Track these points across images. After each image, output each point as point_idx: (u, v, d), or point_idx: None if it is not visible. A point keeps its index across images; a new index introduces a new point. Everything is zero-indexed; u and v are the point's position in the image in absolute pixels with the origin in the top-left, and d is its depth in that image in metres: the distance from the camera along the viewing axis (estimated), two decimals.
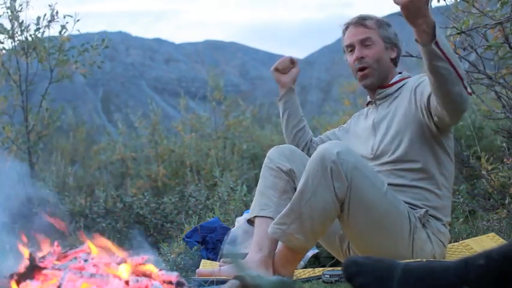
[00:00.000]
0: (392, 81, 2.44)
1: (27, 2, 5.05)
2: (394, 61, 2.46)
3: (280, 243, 2.23)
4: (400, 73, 2.48)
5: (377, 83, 2.43)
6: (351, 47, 2.43)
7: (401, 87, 2.41)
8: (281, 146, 2.43)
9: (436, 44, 1.98)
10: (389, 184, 2.23)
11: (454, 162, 2.40)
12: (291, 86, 2.61)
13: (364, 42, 2.40)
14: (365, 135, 2.47)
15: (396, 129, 2.33)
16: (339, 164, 2.08)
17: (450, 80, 2.02)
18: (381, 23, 2.43)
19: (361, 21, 2.43)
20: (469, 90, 2.08)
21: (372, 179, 2.15)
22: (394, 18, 2.59)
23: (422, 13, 1.97)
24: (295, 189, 2.31)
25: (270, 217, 2.28)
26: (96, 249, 1.81)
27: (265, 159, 2.41)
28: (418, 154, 2.29)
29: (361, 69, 2.41)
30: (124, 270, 1.73)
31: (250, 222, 2.39)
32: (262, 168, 2.41)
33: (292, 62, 2.59)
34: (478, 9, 2.96)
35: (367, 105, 2.55)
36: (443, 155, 2.31)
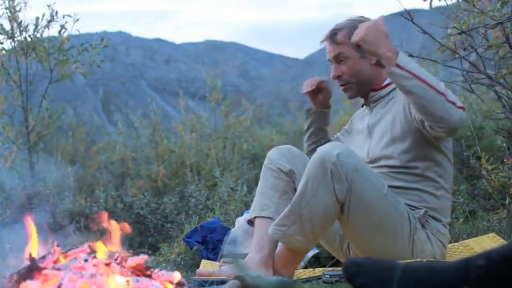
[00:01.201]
0: (385, 83, 2.40)
1: (26, 3, 5.05)
2: (379, 63, 2.35)
3: (280, 244, 2.23)
4: None
5: (360, 93, 2.43)
6: (331, 62, 2.44)
7: (395, 88, 2.38)
8: (281, 146, 2.43)
9: (398, 66, 2.03)
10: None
11: (453, 163, 2.39)
12: (323, 109, 2.60)
13: (338, 58, 2.39)
14: (360, 138, 2.45)
15: (392, 135, 2.30)
16: (339, 166, 2.08)
17: (428, 97, 2.03)
18: (353, 32, 2.33)
19: (331, 37, 2.41)
20: (459, 104, 2.07)
21: (372, 180, 2.15)
22: (394, 18, 2.59)
23: (382, 41, 2.05)
24: (295, 189, 2.31)
25: (270, 217, 2.28)
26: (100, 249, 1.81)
27: (265, 159, 2.41)
28: (415, 159, 2.27)
29: (341, 85, 2.43)
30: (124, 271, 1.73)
31: (251, 222, 2.39)
32: (262, 169, 2.41)
33: (320, 87, 2.55)
34: (478, 8, 2.96)
35: (362, 106, 2.54)
36: (441, 156, 2.30)
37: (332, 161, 2.08)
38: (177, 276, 1.75)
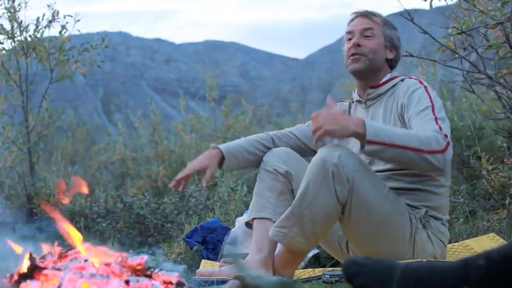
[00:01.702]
0: (382, 81, 2.41)
1: (26, 2, 5.05)
2: (390, 62, 2.43)
3: (280, 244, 2.23)
4: (390, 72, 2.45)
5: (365, 72, 2.39)
6: (351, 35, 2.41)
7: (392, 87, 2.38)
8: (277, 149, 2.42)
9: (369, 141, 2.02)
10: None
11: (452, 162, 2.39)
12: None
13: (365, 32, 2.38)
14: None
15: None
16: (340, 167, 2.08)
17: (406, 159, 2.06)
18: (387, 23, 2.43)
19: (367, 14, 2.43)
20: (441, 145, 2.06)
21: (373, 181, 2.14)
22: (394, 19, 2.59)
23: (345, 122, 2.04)
24: (292, 190, 2.32)
25: (268, 218, 2.28)
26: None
27: (262, 162, 2.41)
28: None
29: (354, 54, 2.38)
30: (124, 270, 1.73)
31: (248, 225, 2.39)
32: (259, 171, 2.41)
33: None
34: (478, 8, 2.96)
35: (353, 102, 2.51)
36: None
37: (333, 163, 2.08)
38: (176, 276, 1.75)
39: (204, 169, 2.40)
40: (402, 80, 2.39)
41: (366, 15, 2.42)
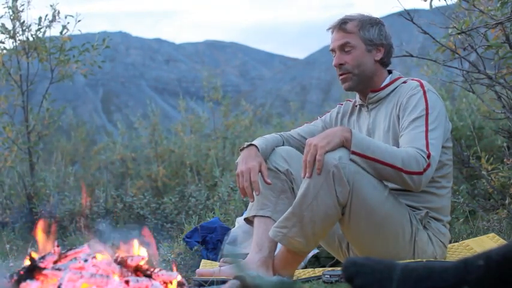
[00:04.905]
0: (383, 84, 2.40)
1: (29, 2, 5.05)
2: (382, 62, 2.40)
3: (280, 245, 2.23)
4: (390, 72, 2.44)
5: (358, 86, 2.40)
6: (334, 52, 2.42)
7: (393, 90, 2.37)
8: (278, 148, 2.42)
9: (354, 152, 2.07)
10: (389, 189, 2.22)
11: (453, 162, 2.39)
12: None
13: (343, 48, 2.37)
14: None
15: (394, 139, 2.29)
16: (341, 169, 2.07)
17: (385, 174, 2.11)
18: (363, 24, 2.37)
19: (340, 26, 2.39)
20: (421, 167, 2.09)
21: (373, 182, 2.14)
22: (394, 19, 2.59)
23: (331, 133, 2.11)
24: (292, 189, 2.32)
25: (268, 216, 2.28)
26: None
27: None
28: None
29: (341, 74, 2.40)
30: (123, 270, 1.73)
31: (248, 221, 2.39)
32: None
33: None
34: (478, 8, 2.96)
35: (356, 106, 2.51)
36: (443, 157, 2.30)
37: (334, 164, 2.08)
38: (176, 276, 1.75)
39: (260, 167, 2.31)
40: (405, 82, 2.38)
41: (340, 27, 2.39)
